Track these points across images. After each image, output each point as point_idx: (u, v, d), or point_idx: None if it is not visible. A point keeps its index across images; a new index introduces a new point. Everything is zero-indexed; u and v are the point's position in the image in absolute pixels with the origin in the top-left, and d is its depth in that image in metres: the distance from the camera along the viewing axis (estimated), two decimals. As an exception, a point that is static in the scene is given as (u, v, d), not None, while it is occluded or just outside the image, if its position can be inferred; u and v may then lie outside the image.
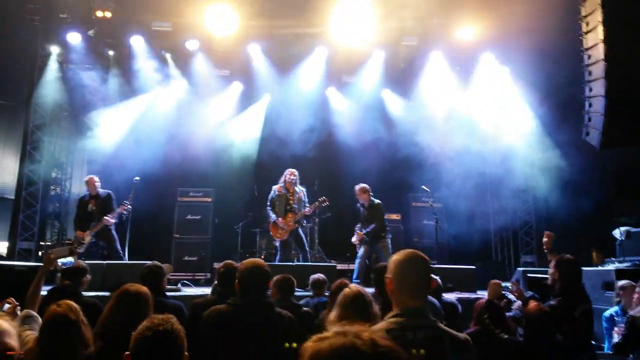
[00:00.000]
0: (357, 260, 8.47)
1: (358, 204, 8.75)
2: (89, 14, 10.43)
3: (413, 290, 2.16)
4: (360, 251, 8.51)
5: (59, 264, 3.81)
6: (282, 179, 8.69)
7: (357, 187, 8.69)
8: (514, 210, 11.72)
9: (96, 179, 8.36)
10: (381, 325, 2.09)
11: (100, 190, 8.34)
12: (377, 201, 8.66)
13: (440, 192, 10.67)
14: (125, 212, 8.10)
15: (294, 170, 8.71)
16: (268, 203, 8.69)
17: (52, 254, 3.77)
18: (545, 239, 4.94)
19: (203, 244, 10.17)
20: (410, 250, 2.29)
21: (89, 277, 4.35)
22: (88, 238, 7.98)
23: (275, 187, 8.70)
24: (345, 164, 11.37)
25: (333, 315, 2.99)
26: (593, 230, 9.71)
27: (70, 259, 3.83)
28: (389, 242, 8.58)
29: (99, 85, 10.98)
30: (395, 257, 2.24)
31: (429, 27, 10.91)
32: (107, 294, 6.02)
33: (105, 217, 7.98)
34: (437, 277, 4.98)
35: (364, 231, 8.42)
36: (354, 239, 8.61)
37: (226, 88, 11.88)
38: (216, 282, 4.15)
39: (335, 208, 10.17)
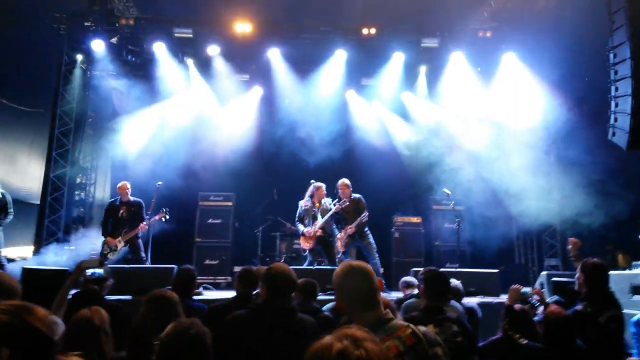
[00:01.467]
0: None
1: (335, 202, 8.51)
2: (113, 21, 10.67)
3: (364, 300, 2.06)
4: (348, 255, 8.49)
5: (88, 274, 3.87)
6: (307, 193, 8.64)
7: (341, 182, 8.56)
8: (537, 212, 11.51)
9: (128, 185, 8.51)
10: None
11: (131, 198, 8.46)
12: (358, 195, 8.57)
13: (462, 194, 10.55)
14: (164, 219, 8.27)
15: (322, 185, 8.63)
16: (297, 219, 8.68)
17: (83, 264, 3.84)
18: (569, 246, 4.82)
19: (224, 247, 10.24)
20: (344, 262, 2.21)
21: (111, 281, 4.41)
22: (121, 245, 8.12)
23: (301, 203, 8.67)
24: (365, 167, 11.33)
25: None
26: (619, 233, 9.47)
27: (100, 270, 3.89)
28: (371, 237, 8.48)
29: (122, 91, 11.20)
30: (335, 275, 2.15)
31: (450, 27, 10.83)
32: (129, 297, 6.09)
33: (143, 224, 8.16)
34: (457, 282, 4.92)
35: (355, 224, 8.29)
36: (344, 237, 8.41)
37: (246, 92, 11.96)
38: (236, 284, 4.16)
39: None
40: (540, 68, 10.67)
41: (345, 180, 8.60)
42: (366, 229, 8.49)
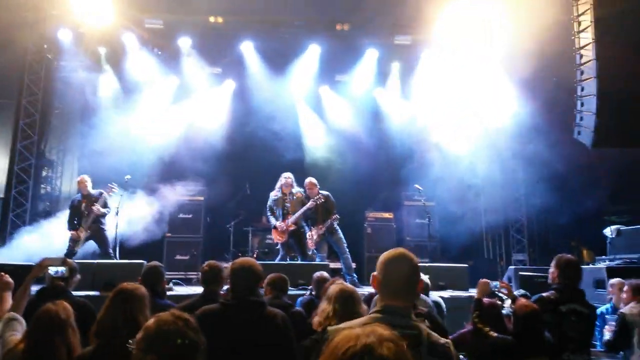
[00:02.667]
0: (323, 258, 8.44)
1: (308, 202, 8.48)
2: (81, 11, 10.37)
3: (396, 290, 2.12)
4: (320, 251, 8.49)
5: (50, 272, 3.78)
6: (277, 184, 8.65)
7: (309, 180, 8.60)
8: (505, 208, 11.75)
9: (87, 178, 8.29)
10: (359, 320, 2.08)
11: (92, 191, 8.27)
12: (326, 192, 8.63)
13: (433, 190, 10.69)
14: (111, 193, 8.11)
15: (288, 173, 8.67)
16: (267, 210, 8.66)
17: (45, 261, 3.75)
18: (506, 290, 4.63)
19: (195, 242, 10.13)
20: (399, 249, 2.25)
21: (78, 277, 4.31)
22: (83, 234, 7.97)
23: (271, 194, 8.67)
24: (337, 162, 11.38)
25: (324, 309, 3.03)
26: (584, 229, 9.76)
27: (62, 268, 3.81)
28: (341, 233, 8.56)
29: (90, 82, 10.92)
30: (383, 256, 2.21)
31: (422, 25, 10.92)
32: (97, 293, 5.98)
33: (94, 208, 7.94)
34: (425, 276, 4.98)
35: (328, 222, 8.35)
36: (314, 236, 8.43)
37: (218, 85, 11.83)
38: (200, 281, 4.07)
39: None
40: (511, 67, 10.86)
41: (312, 179, 8.63)
42: (335, 225, 8.52)
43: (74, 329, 2.86)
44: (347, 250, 8.50)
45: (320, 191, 8.55)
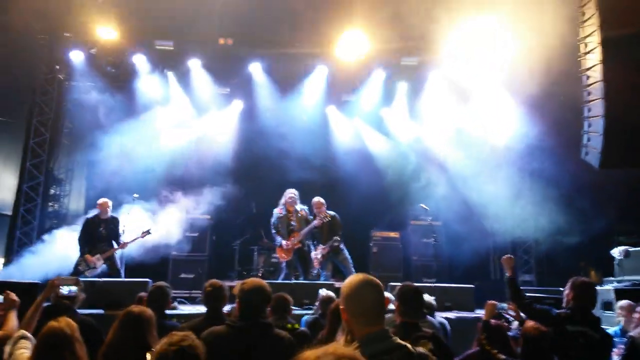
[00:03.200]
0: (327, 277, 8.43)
1: (313, 221, 8.53)
2: (93, 32, 10.57)
3: (367, 316, 2.07)
4: (325, 270, 8.51)
5: (62, 291, 3.80)
6: (282, 201, 8.67)
7: (317, 200, 8.62)
8: (513, 228, 11.68)
9: (110, 203, 8.26)
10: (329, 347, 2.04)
11: (110, 214, 8.27)
12: (333, 213, 8.63)
13: (439, 210, 10.67)
14: (147, 236, 8.28)
15: (292, 190, 8.71)
16: (272, 228, 8.67)
17: (57, 281, 3.78)
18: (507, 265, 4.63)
19: (200, 261, 10.10)
20: (358, 274, 2.21)
21: (83, 295, 4.33)
22: (100, 263, 7.88)
23: (275, 211, 8.69)
24: (345, 182, 11.40)
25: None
26: (592, 250, 9.67)
27: (74, 288, 3.82)
28: (346, 252, 8.54)
29: (100, 103, 11.06)
30: (349, 285, 2.15)
31: (429, 47, 11.02)
32: (101, 311, 5.98)
33: (123, 243, 8.03)
34: (430, 298, 4.95)
35: (328, 245, 8.35)
36: (319, 256, 8.46)
37: (227, 106, 11.95)
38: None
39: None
40: (517, 87, 10.90)
41: (320, 199, 8.65)
42: (341, 245, 8.50)
43: (81, 343, 2.89)
44: (354, 270, 8.46)
45: (328, 211, 8.56)
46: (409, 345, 2.06)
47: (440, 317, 5.16)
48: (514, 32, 9.56)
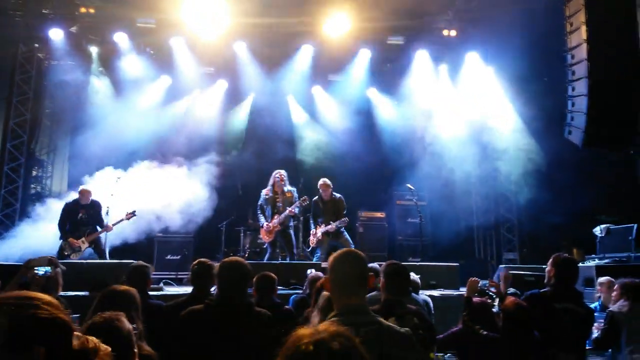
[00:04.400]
0: (320, 258, 8.39)
1: (315, 200, 8.56)
2: (72, 10, 10.31)
3: (347, 287, 2.16)
4: (321, 250, 8.44)
5: (36, 272, 3.75)
6: (270, 182, 8.62)
7: (323, 181, 8.59)
8: (497, 208, 11.81)
9: (91, 191, 8.19)
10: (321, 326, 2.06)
11: (90, 198, 8.19)
12: (339, 195, 8.64)
13: (424, 190, 10.72)
14: (131, 219, 8.31)
15: (281, 171, 8.62)
16: (258, 208, 8.63)
17: (31, 262, 3.72)
18: (501, 281, 4.67)
19: (186, 242, 10.04)
20: (344, 249, 2.34)
21: (60, 273, 4.24)
22: (85, 245, 7.89)
23: (263, 192, 8.63)
24: (331, 161, 11.39)
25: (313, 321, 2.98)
26: (574, 228, 9.81)
27: (47, 268, 3.77)
28: (347, 234, 8.56)
29: (82, 82, 10.85)
30: (332, 257, 2.27)
31: (415, 26, 10.97)
32: (86, 293, 5.94)
33: (109, 225, 8.05)
34: (416, 276, 4.99)
35: (337, 223, 8.30)
36: (318, 234, 8.40)
37: (211, 85, 11.80)
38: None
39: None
40: (502, 67, 10.92)
41: (327, 180, 8.59)
42: (342, 228, 8.49)
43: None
44: None
45: (334, 193, 8.53)
46: (386, 323, 2.11)
47: (424, 295, 5.21)
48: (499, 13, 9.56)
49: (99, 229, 8.10)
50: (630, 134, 7.39)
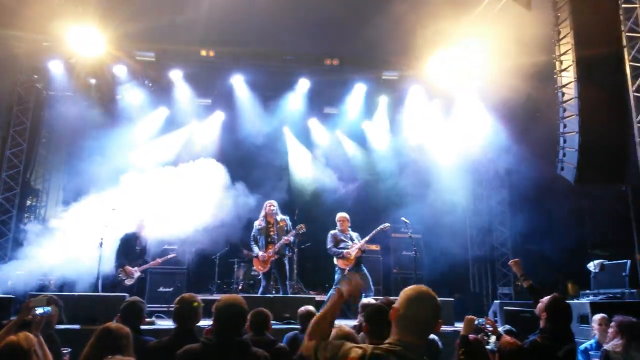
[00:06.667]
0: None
1: (337, 232, 8.53)
2: (72, 42, 10.44)
3: (416, 327, 2.14)
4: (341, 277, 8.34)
5: (37, 313, 3.73)
6: (261, 213, 8.64)
7: (342, 216, 8.59)
8: (491, 242, 11.83)
9: (144, 222, 8.58)
10: (380, 347, 2.08)
11: (143, 234, 8.62)
12: (356, 234, 8.64)
13: (419, 223, 10.75)
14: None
15: (272, 201, 8.69)
16: (251, 239, 8.61)
17: (31, 302, 3.72)
18: (514, 269, 5.08)
19: (179, 274, 9.95)
20: (422, 287, 2.28)
21: (56, 310, 4.21)
22: (137, 274, 8.28)
23: (255, 223, 8.65)
24: (326, 194, 11.42)
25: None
26: (568, 263, 9.83)
27: (48, 308, 3.75)
28: (366, 270, 8.47)
29: (79, 112, 10.93)
30: (409, 291, 2.24)
31: (409, 62, 11.18)
32: (77, 327, 5.87)
33: (158, 260, 8.68)
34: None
35: (364, 241, 8.36)
36: (352, 253, 8.27)
37: (208, 116, 11.92)
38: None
39: (315, 238, 10.12)
40: (494, 104, 11.12)
41: (346, 215, 8.63)
42: (362, 263, 8.43)
43: (38, 357, 3.00)
44: (373, 287, 8.32)
45: (350, 232, 8.51)
46: None
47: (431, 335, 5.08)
48: (493, 51, 9.75)
49: (148, 260, 8.60)
50: (622, 170, 7.48)
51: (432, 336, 4.93)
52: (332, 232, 8.52)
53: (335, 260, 8.45)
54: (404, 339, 2.10)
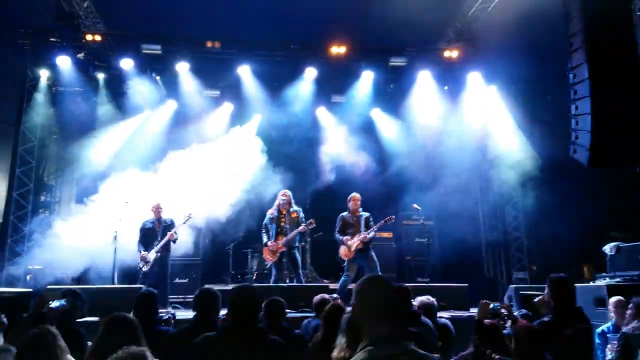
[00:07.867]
0: (346, 276, 8.28)
1: (346, 214, 8.44)
2: (79, 37, 10.50)
3: (377, 312, 2.03)
4: (349, 271, 8.27)
5: (51, 306, 3.78)
6: (275, 202, 8.62)
7: (355, 195, 8.49)
8: (505, 226, 11.76)
9: (161, 205, 8.46)
10: (355, 358, 1.95)
11: (164, 216, 8.46)
12: (368, 213, 8.53)
13: (431, 209, 10.70)
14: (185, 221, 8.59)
15: (285, 191, 8.65)
16: (263, 228, 8.61)
17: (46, 296, 3.77)
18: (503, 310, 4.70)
19: (194, 265, 10.04)
20: (372, 274, 2.21)
21: (79, 304, 4.27)
22: (152, 255, 8.13)
23: (268, 212, 8.64)
24: (336, 183, 11.41)
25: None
26: (584, 245, 9.74)
27: (62, 301, 3.80)
28: (374, 255, 8.41)
29: (89, 107, 11.00)
30: (357, 283, 2.15)
31: (417, 47, 11.09)
32: (95, 319, 5.94)
33: (170, 233, 8.25)
34: (433, 299, 4.94)
35: (370, 233, 8.22)
36: (352, 247, 8.17)
37: (216, 109, 11.92)
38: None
39: (327, 226, 10.10)
40: (505, 87, 11.00)
41: (358, 195, 8.50)
42: (371, 248, 8.37)
43: (62, 350, 2.90)
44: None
45: (362, 212, 8.41)
46: (421, 352, 1.99)
47: (444, 319, 5.09)
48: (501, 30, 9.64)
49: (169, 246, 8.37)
50: (637, 152, 7.37)
51: (443, 321, 4.94)
52: (342, 214, 8.46)
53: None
54: (372, 334, 1.99)
